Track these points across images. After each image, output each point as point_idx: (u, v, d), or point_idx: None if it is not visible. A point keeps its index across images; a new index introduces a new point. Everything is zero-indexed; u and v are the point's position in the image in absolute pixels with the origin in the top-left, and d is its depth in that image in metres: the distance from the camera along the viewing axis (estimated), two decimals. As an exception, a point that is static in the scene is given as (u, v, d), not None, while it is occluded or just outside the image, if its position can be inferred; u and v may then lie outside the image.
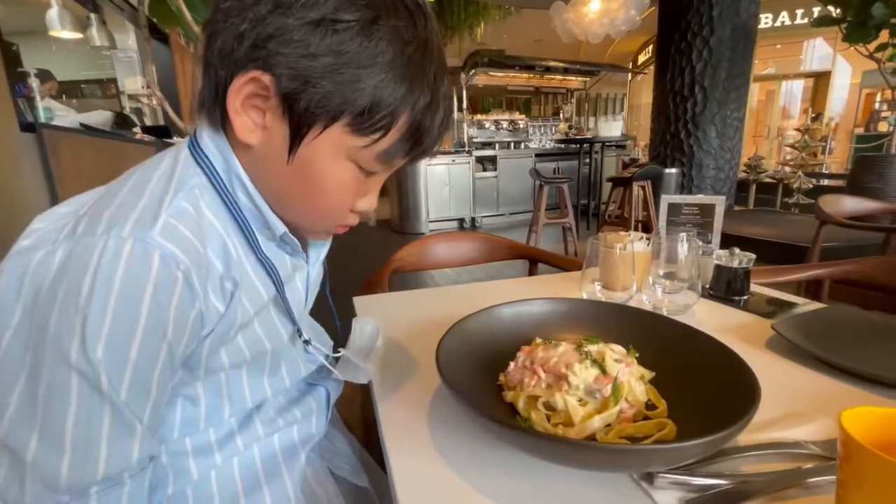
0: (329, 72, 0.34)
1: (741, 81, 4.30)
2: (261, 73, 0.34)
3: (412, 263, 1.27)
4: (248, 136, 0.37)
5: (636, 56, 8.94)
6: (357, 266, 3.93)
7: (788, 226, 3.45)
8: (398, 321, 0.68)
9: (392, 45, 0.35)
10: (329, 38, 0.33)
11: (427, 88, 0.37)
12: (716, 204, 0.84)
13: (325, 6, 0.33)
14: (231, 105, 0.36)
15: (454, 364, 0.43)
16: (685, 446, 0.31)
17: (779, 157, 7.25)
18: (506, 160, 5.60)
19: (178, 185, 0.36)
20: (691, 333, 0.48)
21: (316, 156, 0.37)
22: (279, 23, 0.33)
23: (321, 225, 0.45)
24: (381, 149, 0.38)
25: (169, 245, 0.32)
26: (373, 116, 0.36)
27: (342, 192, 0.41)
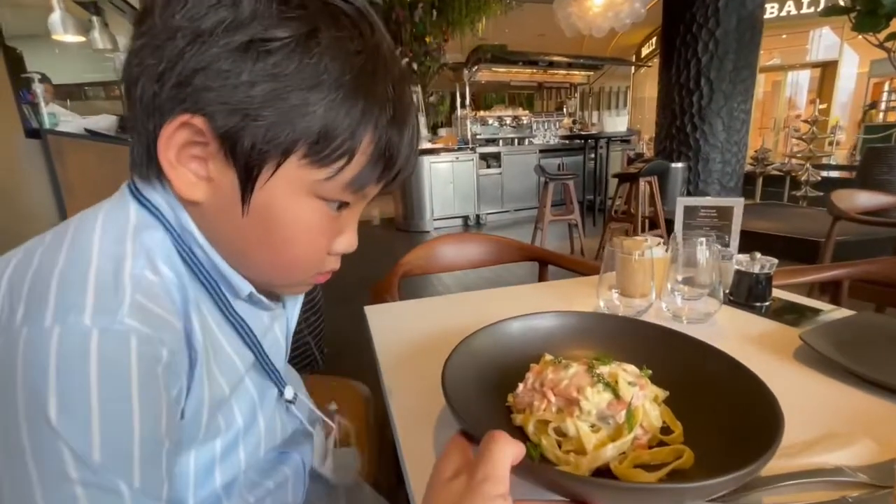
0: (270, 99, 0.29)
1: (748, 73, 4.24)
2: (190, 115, 0.29)
3: (420, 267, 1.25)
4: (191, 193, 0.32)
5: (639, 49, 8.87)
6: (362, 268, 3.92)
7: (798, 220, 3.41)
8: (410, 331, 0.67)
9: (337, 59, 0.30)
10: (263, 61, 0.29)
11: (387, 101, 0.33)
12: (734, 206, 0.82)
13: (252, 26, 0.28)
14: (164, 159, 0.31)
15: (461, 385, 0.42)
16: (711, 484, 0.29)
17: (785, 148, 7.17)
18: (510, 157, 5.57)
19: (134, 246, 0.31)
20: (704, 349, 0.47)
21: (274, 200, 0.32)
22: (201, 54, 0.29)
23: (296, 278, 0.38)
24: (347, 178, 0.33)
25: (145, 327, 0.28)
26: (330, 142, 0.31)
27: (312, 236, 0.35)
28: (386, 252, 4.40)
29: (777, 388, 0.49)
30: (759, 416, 0.36)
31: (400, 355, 0.60)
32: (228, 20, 0.28)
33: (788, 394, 0.48)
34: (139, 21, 0.31)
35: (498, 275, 3.19)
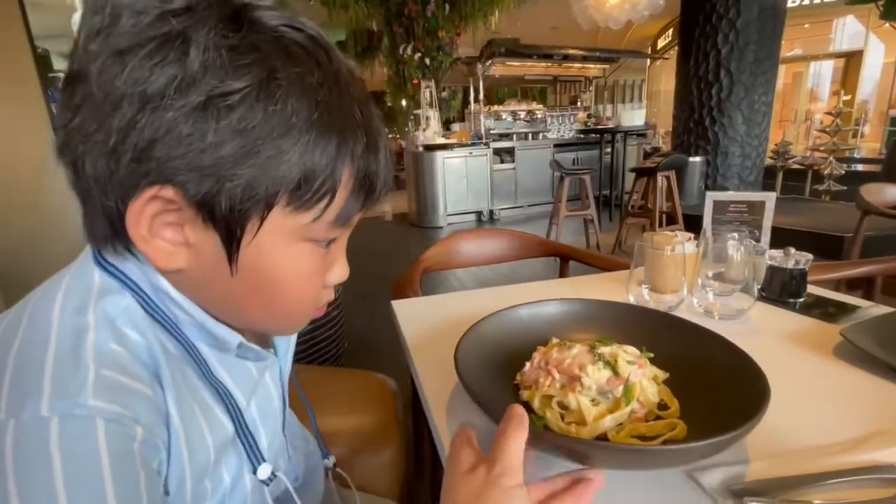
0: (242, 156, 0.27)
1: (769, 64, 4.14)
2: (158, 188, 0.27)
3: (441, 263, 1.25)
4: (170, 263, 0.29)
5: (655, 41, 8.70)
6: (377, 264, 3.95)
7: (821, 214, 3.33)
8: (436, 324, 0.67)
9: (302, 97, 0.28)
10: (226, 117, 0.26)
11: (359, 129, 0.31)
12: (766, 201, 0.81)
13: (206, 81, 0.26)
14: (136, 235, 0.28)
15: (473, 364, 0.45)
16: (692, 447, 0.32)
17: (807, 141, 7.00)
18: (524, 151, 5.53)
19: (96, 315, 0.28)
20: (705, 334, 0.49)
21: (264, 253, 0.30)
22: (156, 121, 0.26)
23: (295, 322, 0.37)
24: (333, 215, 0.31)
25: (111, 405, 0.25)
26: (312, 185, 0.29)
27: (307, 280, 0.34)
28: (400, 248, 4.41)
29: (819, 385, 0.49)
30: (749, 393, 0.38)
31: (428, 345, 0.61)
32: (178, 78, 0.25)
33: (831, 391, 0.48)
34: (69, 89, 0.27)
35: (514, 271, 3.18)
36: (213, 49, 0.26)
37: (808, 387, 0.49)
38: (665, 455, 0.33)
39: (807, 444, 0.39)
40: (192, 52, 0.25)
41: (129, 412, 0.26)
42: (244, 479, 0.36)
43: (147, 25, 0.25)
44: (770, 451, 0.38)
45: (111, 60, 0.25)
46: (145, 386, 0.28)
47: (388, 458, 0.70)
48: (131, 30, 0.25)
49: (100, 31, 0.26)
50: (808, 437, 0.40)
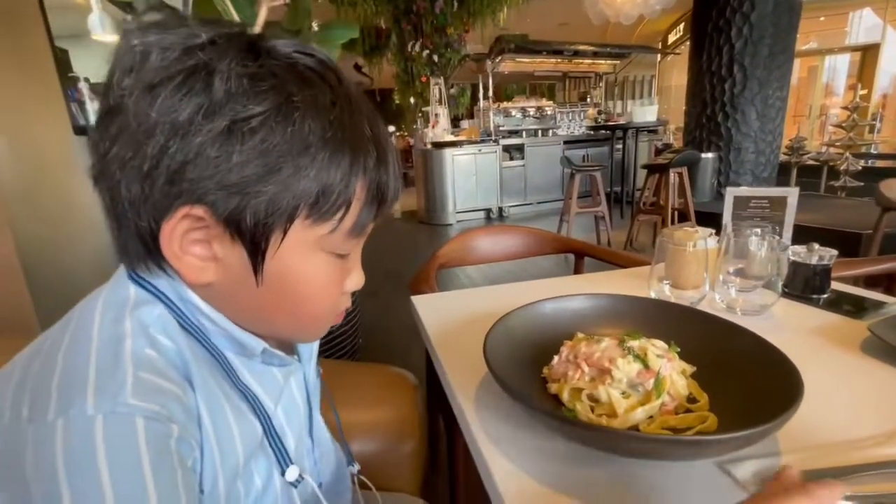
0: (265, 174, 0.29)
1: (784, 58, 4.07)
2: (190, 207, 0.29)
3: (456, 259, 1.26)
4: (200, 277, 0.32)
5: (666, 36, 8.60)
6: (387, 262, 3.97)
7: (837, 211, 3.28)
8: (456, 319, 0.68)
9: (317, 118, 0.30)
10: (250, 139, 0.29)
11: (370, 144, 0.33)
12: (788, 196, 0.80)
13: (230, 107, 0.28)
14: (169, 252, 0.31)
15: (500, 357, 0.45)
16: (725, 438, 0.32)
17: (822, 137, 6.88)
18: (533, 148, 5.51)
19: (132, 324, 0.30)
20: (731, 328, 0.49)
21: (287, 264, 0.33)
22: (187, 146, 0.28)
23: (317, 329, 0.39)
24: (349, 225, 0.33)
25: (150, 404, 0.27)
26: (329, 198, 0.31)
27: (327, 288, 0.36)
28: (409, 246, 4.42)
29: (848, 381, 0.49)
30: (782, 386, 0.38)
31: (450, 339, 0.62)
32: (205, 106, 0.28)
33: (860, 386, 0.48)
34: (106, 122, 0.29)
35: (523, 268, 3.18)
36: (234, 77, 0.28)
37: (836, 381, 0.49)
38: (700, 445, 0.33)
39: (837, 437, 0.39)
40: (216, 82, 0.28)
41: (165, 411, 0.27)
42: (274, 481, 0.37)
43: (174, 60, 0.28)
44: (801, 444, 0.38)
45: (143, 94, 0.28)
46: (177, 388, 0.29)
47: (408, 450, 0.70)
48: (160, 64, 0.28)
49: (132, 69, 0.28)
50: (838, 431, 0.40)
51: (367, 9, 6.12)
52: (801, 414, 0.40)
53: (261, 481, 0.36)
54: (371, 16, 6.29)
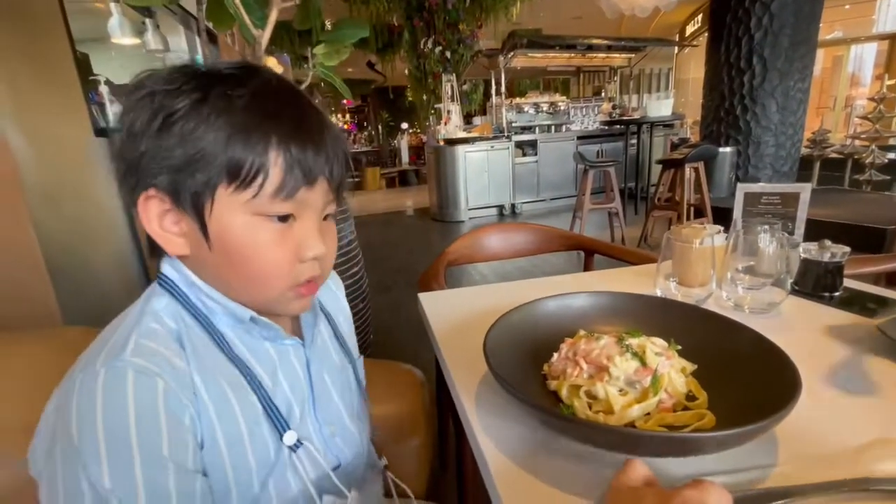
0: (187, 155, 0.37)
1: (806, 49, 3.95)
2: (145, 190, 0.39)
3: (465, 256, 1.26)
4: (178, 250, 0.41)
5: (683, 27, 8.41)
6: (399, 258, 3.99)
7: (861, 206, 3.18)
8: (462, 316, 0.68)
9: (225, 109, 0.37)
10: (173, 130, 0.37)
11: (282, 125, 0.39)
12: (800, 192, 0.79)
13: (163, 108, 0.37)
14: (152, 231, 0.40)
15: (501, 354, 0.45)
16: (718, 436, 0.32)
17: (846, 129, 6.66)
18: (546, 144, 5.47)
19: (147, 311, 0.39)
20: (732, 326, 0.49)
21: (224, 226, 0.39)
22: (141, 146, 0.38)
23: (276, 290, 0.43)
24: (270, 190, 0.39)
25: (140, 360, 0.35)
26: (241, 168, 0.38)
27: (268, 249, 0.40)
28: (422, 242, 4.44)
29: (855, 380, 0.48)
30: (780, 385, 0.37)
31: (455, 336, 0.63)
32: (149, 113, 0.37)
33: (867, 387, 0.47)
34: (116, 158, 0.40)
35: (535, 265, 3.17)
36: (165, 89, 0.38)
37: (842, 381, 0.48)
38: (692, 442, 0.33)
39: (842, 440, 0.39)
40: (157, 96, 0.38)
41: (155, 368, 0.35)
42: (283, 450, 0.42)
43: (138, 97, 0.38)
44: (803, 446, 0.38)
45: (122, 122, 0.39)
46: (174, 356, 0.37)
47: (415, 446, 0.72)
48: (133, 104, 0.38)
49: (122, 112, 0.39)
50: (843, 434, 0.39)
51: (380, 6, 6.13)
52: (806, 415, 0.39)
53: (272, 451, 0.42)
54: (383, 13, 6.30)
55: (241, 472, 0.39)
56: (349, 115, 12.96)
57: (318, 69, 1.66)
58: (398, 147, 11.71)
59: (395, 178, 10.54)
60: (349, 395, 0.54)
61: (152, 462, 0.33)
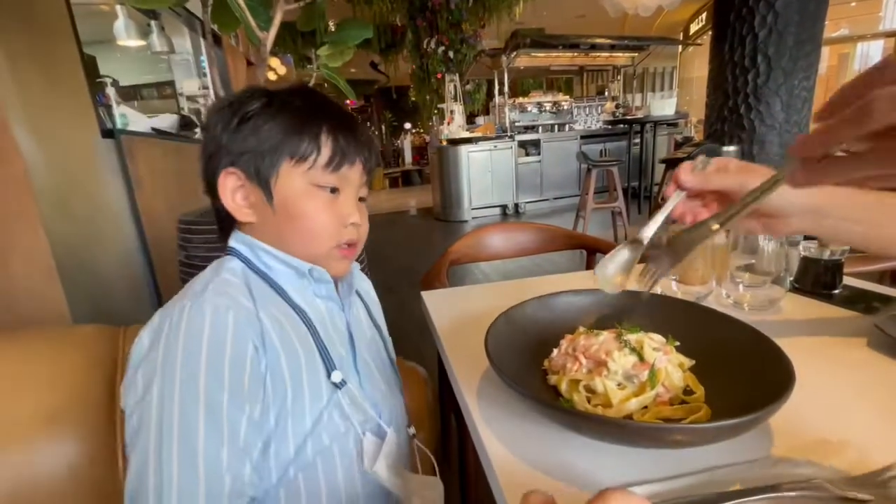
0: (259, 142, 0.50)
1: (811, 47, 3.93)
2: (226, 168, 0.51)
3: (468, 255, 1.27)
4: (246, 217, 0.53)
5: (687, 25, 8.38)
6: (403, 258, 4.01)
7: (866, 204, 3.16)
8: (464, 314, 0.69)
9: (286, 107, 0.51)
10: (249, 124, 0.51)
11: (331, 115, 0.53)
12: (801, 190, 0.79)
13: (238, 111, 0.51)
14: (227, 203, 0.52)
15: (502, 350, 0.46)
16: (710, 427, 0.33)
17: (852, 127, 6.60)
18: (549, 143, 5.47)
19: (222, 270, 0.50)
20: (728, 322, 0.49)
21: (286, 193, 0.51)
22: (219, 139, 0.51)
23: (323, 247, 0.54)
24: (322, 162, 0.51)
25: (218, 299, 0.45)
26: (300, 146, 0.50)
27: (319, 211, 0.52)
28: (425, 242, 4.45)
29: (851, 377, 0.49)
30: (774, 379, 0.38)
31: (457, 333, 0.64)
32: (228, 115, 0.51)
33: (863, 382, 0.47)
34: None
35: (537, 264, 3.17)
36: (238, 99, 0.53)
37: (839, 377, 0.49)
38: (684, 433, 0.34)
39: (836, 434, 0.39)
40: (233, 105, 0.52)
41: (227, 303, 0.45)
42: (329, 388, 0.50)
43: (219, 109, 0.54)
44: (799, 439, 0.39)
45: (208, 126, 0.54)
46: (243, 298, 0.47)
47: (420, 441, 0.73)
48: (214, 113, 0.54)
49: (207, 121, 0.55)
50: (837, 428, 0.40)
51: (383, 6, 6.15)
52: (803, 412, 0.40)
53: (323, 386, 0.50)
54: (387, 13, 6.32)
55: (297, 402, 0.47)
56: (353, 116, 12.97)
57: (321, 70, 1.68)
58: (401, 147, 11.73)
59: (398, 178, 10.56)
60: (381, 364, 0.63)
61: (214, 377, 0.41)
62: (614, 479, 0.35)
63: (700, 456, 0.37)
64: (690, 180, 0.44)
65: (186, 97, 4.22)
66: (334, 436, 0.50)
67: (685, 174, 0.45)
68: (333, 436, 0.50)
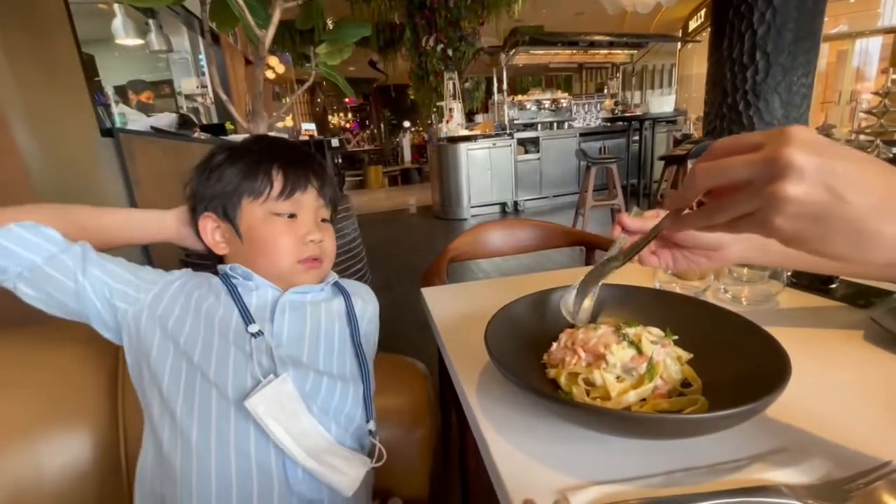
0: (224, 185, 0.60)
1: (810, 44, 3.93)
2: (204, 214, 0.62)
3: (467, 252, 1.28)
4: (222, 251, 0.63)
5: (686, 23, 8.37)
6: (402, 256, 4.02)
7: (865, 201, 3.17)
8: (463, 310, 0.70)
9: (243, 155, 0.62)
10: (216, 174, 0.61)
11: (281, 153, 0.63)
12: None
13: (211, 160, 0.63)
14: (208, 241, 0.63)
15: (501, 344, 0.46)
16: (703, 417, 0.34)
17: (851, 124, 6.61)
18: (548, 141, 5.47)
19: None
20: (724, 315, 0.50)
21: (249, 224, 0.61)
22: (199, 186, 0.63)
23: (285, 264, 0.61)
24: (276, 193, 0.60)
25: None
26: (255, 185, 0.60)
27: (280, 237, 0.60)
28: (425, 240, 4.45)
29: (847, 370, 0.49)
30: (771, 370, 0.38)
31: (457, 329, 0.64)
32: (200, 171, 0.64)
33: (860, 375, 0.48)
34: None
35: (536, 261, 3.18)
36: (209, 157, 0.64)
37: (835, 370, 0.49)
38: (682, 424, 0.34)
39: (833, 426, 0.40)
40: (204, 163, 0.64)
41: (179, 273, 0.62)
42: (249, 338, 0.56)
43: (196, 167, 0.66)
44: (796, 431, 0.39)
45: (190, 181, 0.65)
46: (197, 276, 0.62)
47: (418, 437, 0.73)
48: (194, 172, 0.65)
49: (190, 179, 0.66)
50: (835, 420, 0.40)
51: (381, 4, 6.14)
52: (799, 402, 0.41)
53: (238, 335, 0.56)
54: (385, 11, 6.31)
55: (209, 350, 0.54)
56: (351, 114, 12.97)
57: (320, 68, 1.68)
58: (400, 145, 11.72)
59: (397, 177, 10.55)
60: (334, 354, 0.61)
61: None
62: (613, 470, 0.36)
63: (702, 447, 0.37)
64: (632, 224, 0.50)
65: (185, 96, 4.22)
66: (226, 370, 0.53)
67: (627, 219, 0.51)
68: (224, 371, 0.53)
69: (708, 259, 0.52)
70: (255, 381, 0.52)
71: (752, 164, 0.27)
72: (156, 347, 0.54)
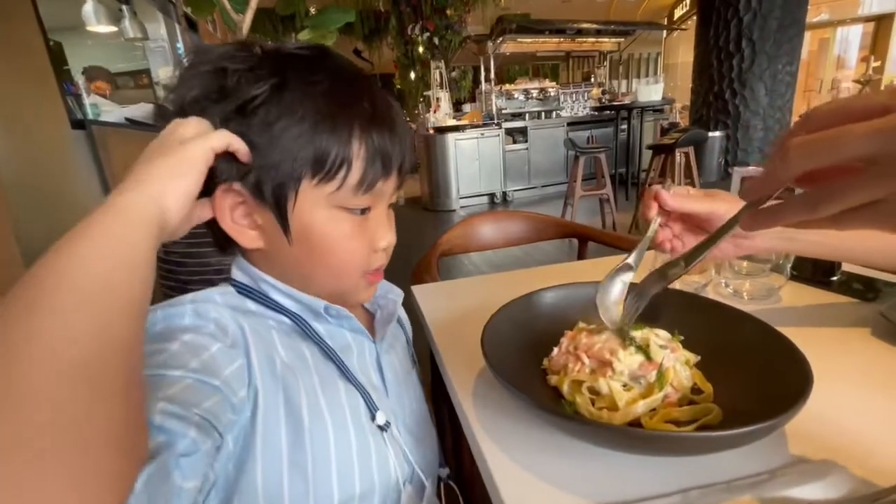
0: (269, 145, 0.36)
1: (794, 32, 3.96)
2: (225, 183, 0.37)
3: (458, 246, 1.24)
4: (252, 243, 0.40)
5: (671, 11, 8.37)
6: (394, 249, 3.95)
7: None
8: (457, 309, 0.67)
9: (307, 96, 0.36)
10: (253, 118, 0.35)
11: (362, 115, 0.38)
12: (797, 176, 0.77)
13: (236, 93, 0.36)
14: (225, 224, 0.38)
15: (498, 349, 0.44)
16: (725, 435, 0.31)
17: (833, 112, 6.70)
18: (536, 131, 5.43)
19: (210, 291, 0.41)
20: (735, 314, 0.47)
21: (307, 220, 0.39)
22: (214, 116, 0.36)
23: (351, 280, 0.44)
24: (353, 182, 0.38)
25: (200, 305, 0.36)
26: (326, 159, 0.37)
27: (348, 241, 0.41)
28: (414, 233, 4.41)
29: (856, 366, 0.47)
30: (789, 377, 0.36)
31: (451, 330, 0.61)
32: (220, 95, 0.36)
33: (869, 372, 0.46)
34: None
35: (527, 253, 3.16)
36: (236, 69, 0.36)
37: (844, 367, 0.47)
38: (701, 442, 0.32)
39: (845, 427, 0.38)
40: (228, 77, 0.36)
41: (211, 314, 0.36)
42: (374, 432, 0.42)
43: (201, 72, 0.37)
44: (806, 434, 0.37)
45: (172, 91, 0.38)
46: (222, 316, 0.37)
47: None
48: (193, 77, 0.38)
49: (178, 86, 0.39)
50: (847, 421, 0.39)
51: (365, -9, 6.01)
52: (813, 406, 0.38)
53: (352, 426, 0.40)
54: (369, -2, 6.18)
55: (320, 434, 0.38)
56: (336, 104, 12.77)
57: (302, 56, 1.62)
58: (387, 136, 11.58)
59: (384, 168, 10.43)
60: (416, 398, 0.53)
61: (180, 359, 0.32)
62: (624, 489, 0.33)
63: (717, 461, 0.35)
64: (673, 202, 0.44)
65: (163, 86, 4.07)
66: (371, 487, 0.40)
67: (668, 196, 0.45)
68: (370, 487, 0.40)
69: (736, 248, 0.47)
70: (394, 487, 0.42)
71: (878, 133, 0.19)
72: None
